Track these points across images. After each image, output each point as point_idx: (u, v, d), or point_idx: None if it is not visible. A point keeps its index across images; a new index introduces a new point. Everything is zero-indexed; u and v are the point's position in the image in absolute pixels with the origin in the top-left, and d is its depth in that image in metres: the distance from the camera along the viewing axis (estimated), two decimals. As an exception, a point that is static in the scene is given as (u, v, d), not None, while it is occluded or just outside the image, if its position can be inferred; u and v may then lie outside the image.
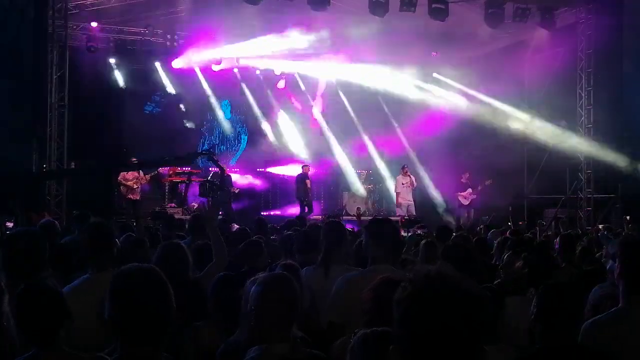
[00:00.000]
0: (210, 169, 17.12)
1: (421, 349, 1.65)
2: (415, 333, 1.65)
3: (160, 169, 16.64)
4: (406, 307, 1.68)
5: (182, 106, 19.86)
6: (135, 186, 15.36)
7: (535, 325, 3.13)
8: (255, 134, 21.00)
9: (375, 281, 3.35)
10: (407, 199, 17.69)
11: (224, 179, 14.66)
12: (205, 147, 20.17)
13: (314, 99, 21.41)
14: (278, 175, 20.13)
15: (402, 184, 17.73)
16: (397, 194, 17.87)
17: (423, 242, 6.38)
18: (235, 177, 18.40)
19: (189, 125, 20.13)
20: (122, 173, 15.54)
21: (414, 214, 17.15)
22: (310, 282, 4.52)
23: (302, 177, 17.51)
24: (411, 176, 17.89)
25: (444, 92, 20.02)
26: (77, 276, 4.28)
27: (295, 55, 19.20)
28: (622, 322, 3.23)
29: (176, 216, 12.70)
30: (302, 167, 17.91)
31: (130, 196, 15.47)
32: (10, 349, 2.62)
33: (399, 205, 17.73)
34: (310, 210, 17.32)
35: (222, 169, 13.70)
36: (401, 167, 18.17)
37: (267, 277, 3.19)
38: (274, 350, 3.00)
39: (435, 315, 1.63)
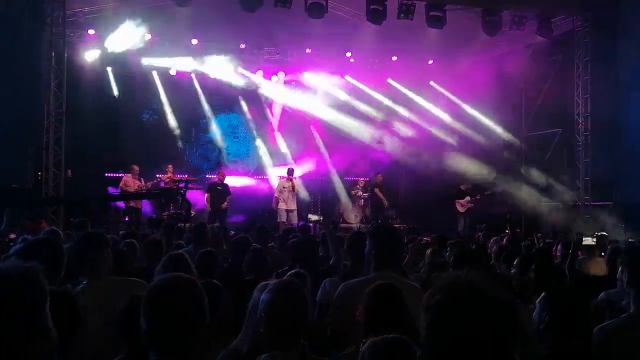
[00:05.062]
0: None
1: (448, 356, 1.62)
2: (442, 340, 1.63)
3: (160, 176, 16.68)
4: (434, 314, 1.66)
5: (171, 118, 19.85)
6: None
7: (544, 332, 3.09)
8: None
9: (367, 291, 3.36)
10: (289, 205, 16.81)
11: (189, 215, 14.72)
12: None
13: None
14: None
15: (283, 187, 16.90)
16: (276, 198, 16.93)
17: (429, 250, 6.41)
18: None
19: (179, 145, 20.16)
20: (123, 181, 15.71)
21: (295, 223, 16.18)
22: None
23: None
24: (294, 180, 17.07)
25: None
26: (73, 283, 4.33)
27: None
28: (633, 327, 3.22)
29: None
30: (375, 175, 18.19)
31: (133, 204, 15.54)
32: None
33: (277, 210, 16.74)
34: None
35: (188, 204, 14.34)
36: (287, 170, 17.47)
37: (278, 284, 3.17)
38: (283, 358, 2.99)
39: (462, 323, 1.60)
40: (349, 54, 19.64)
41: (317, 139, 21.26)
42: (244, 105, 20.75)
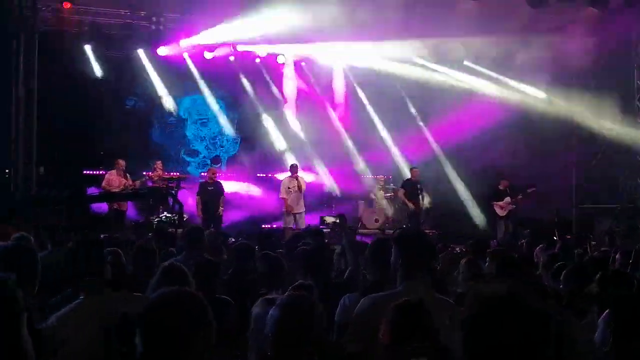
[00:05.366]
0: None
1: None
2: (476, 350, 1.85)
3: (148, 174, 16.61)
4: (468, 327, 1.88)
5: (166, 101, 19.86)
6: None
7: (609, 341, 3.22)
8: (254, 134, 20.93)
9: (391, 307, 3.42)
10: (296, 208, 16.87)
11: (181, 219, 14.79)
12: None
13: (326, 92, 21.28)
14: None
15: (288, 188, 16.89)
16: (284, 200, 16.94)
17: (464, 260, 6.39)
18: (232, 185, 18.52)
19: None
20: (106, 179, 15.64)
21: (304, 227, 15.71)
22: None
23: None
24: (299, 178, 17.03)
25: (478, 82, 20.03)
26: (62, 297, 4.41)
27: (303, 38, 19.32)
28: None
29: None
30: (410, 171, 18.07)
31: (116, 206, 15.52)
32: None
33: (288, 213, 16.81)
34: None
35: (180, 206, 14.66)
36: (289, 167, 17.50)
37: (286, 300, 3.21)
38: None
39: (495, 331, 1.81)
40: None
41: (336, 123, 21.10)
42: (246, 84, 20.70)
